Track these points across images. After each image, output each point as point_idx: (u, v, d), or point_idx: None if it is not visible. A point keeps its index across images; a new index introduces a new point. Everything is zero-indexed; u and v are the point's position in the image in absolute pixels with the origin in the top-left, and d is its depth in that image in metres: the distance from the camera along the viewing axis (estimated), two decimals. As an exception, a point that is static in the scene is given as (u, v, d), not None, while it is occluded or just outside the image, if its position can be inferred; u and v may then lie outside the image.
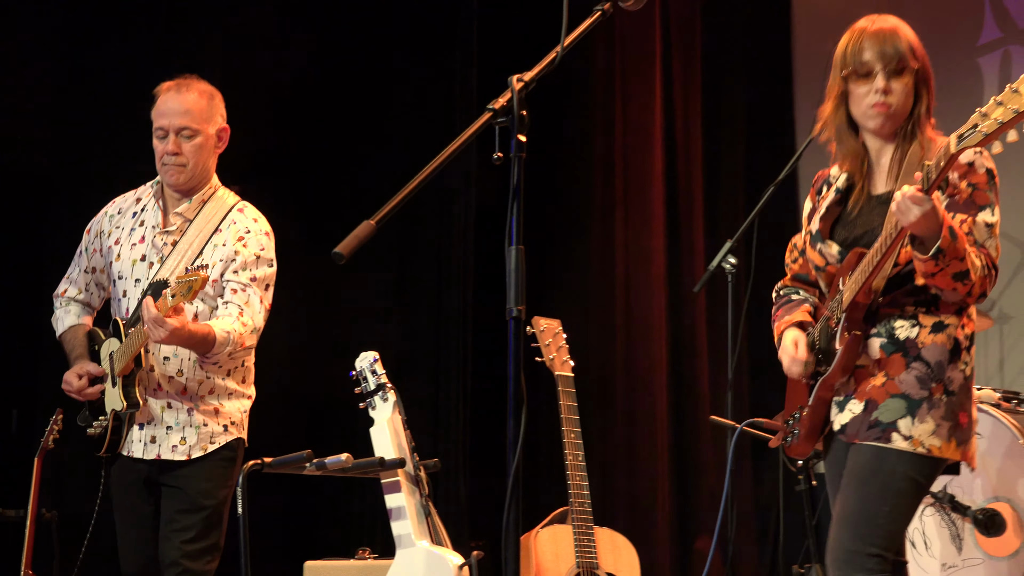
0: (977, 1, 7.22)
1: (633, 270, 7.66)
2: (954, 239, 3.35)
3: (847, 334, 3.59)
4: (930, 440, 3.53)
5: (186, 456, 4.57)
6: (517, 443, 3.07)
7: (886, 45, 3.63)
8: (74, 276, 4.86)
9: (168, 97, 4.63)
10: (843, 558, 3.55)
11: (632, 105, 7.77)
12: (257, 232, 4.66)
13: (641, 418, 7.52)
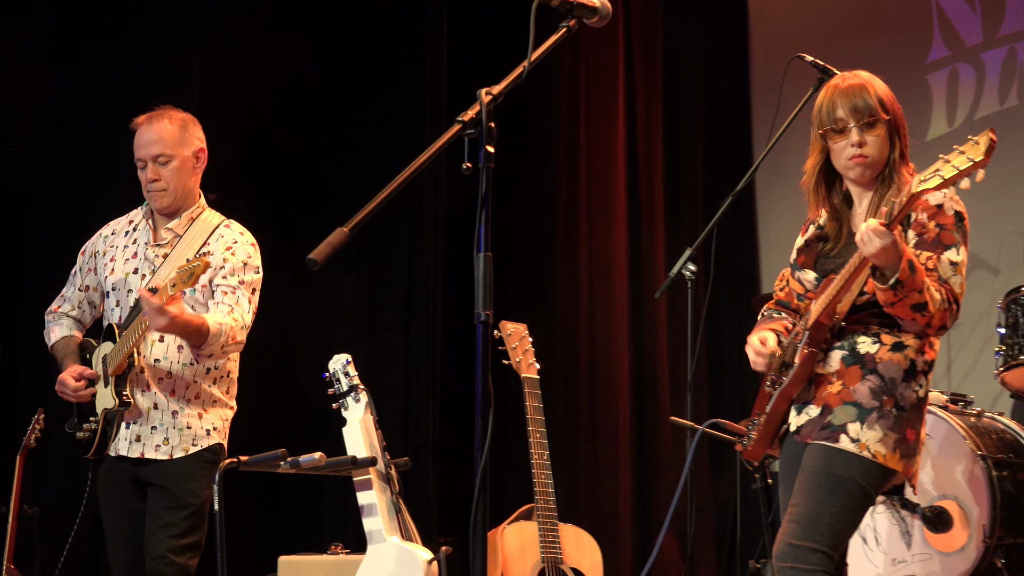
0: (926, 21, 7.25)
1: (597, 277, 7.67)
2: (912, 272, 3.44)
3: (806, 350, 3.66)
4: (876, 446, 3.57)
5: (168, 456, 4.57)
6: (485, 442, 3.07)
7: (857, 100, 3.72)
8: (68, 294, 4.89)
9: (142, 130, 4.71)
10: (788, 552, 3.57)
11: (596, 119, 7.78)
12: (244, 243, 4.72)
13: (604, 419, 7.53)
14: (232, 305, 4.60)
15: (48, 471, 6.47)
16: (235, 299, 4.61)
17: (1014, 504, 4.93)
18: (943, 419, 5.02)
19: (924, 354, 3.68)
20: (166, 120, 4.70)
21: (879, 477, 3.61)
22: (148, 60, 7.01)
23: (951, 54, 7.20)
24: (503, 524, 4.85)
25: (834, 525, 3.57)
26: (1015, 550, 4.95)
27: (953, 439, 4.96)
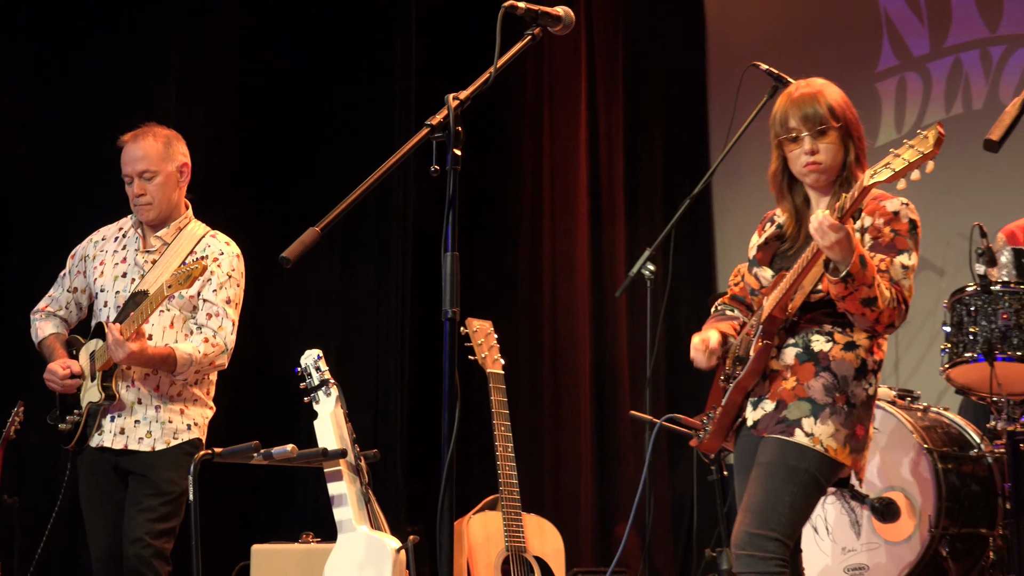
0: (875, 32, 7.28)
1: (559, 276, 7.68)
2: (863, 266, 3.45)
3: (760, 343, 3.66)
4: (828, 440, 3.57)
5: (150, 448, 4.60)
6: (451, 435, 3.07)
7: (807, 109, 3.71)
8: (56, 295, 4.92)
9: (128, 147, 4.77)
10: (746, 540, 3.58)
11: (559, 123, 7.79)
12: (229, 255, 4.76)
13: (566, 413, 7.54)
14: (215, 330, 4.66)
15: (27, 462, 6.43)
16: (219, 323, 4.67)
17: (958, 496, 4.95)
18: (891, 414, 5.03)
19: (874, 354, 3.69)
20: (151, 138, 4.76)
21: (830, 469, 3.62)
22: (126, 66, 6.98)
23: (899, 63, 7.23)
24: (469, 514, 4.85)
25: (789, 514, 3.57)
26: (959, 540, 4.97)
27: (901, 433, 4.98)
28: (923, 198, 6.90)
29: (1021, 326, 5.03)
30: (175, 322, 4.66)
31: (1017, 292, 5.09)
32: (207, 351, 4.60)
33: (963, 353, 5.13)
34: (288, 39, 7.63)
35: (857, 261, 3.43)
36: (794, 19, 7.40)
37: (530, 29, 3.42)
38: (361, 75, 7.65)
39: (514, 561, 4.79)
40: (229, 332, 4.68)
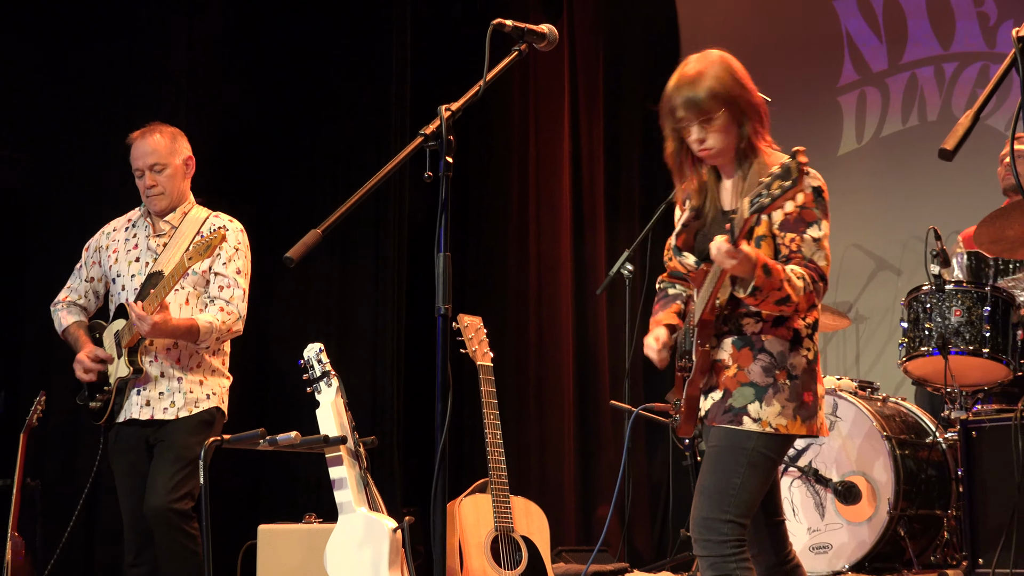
0: (837, 48, 7.28)
1: (544, 275, 7.67)
2: (768, 275, 3.33)
3: (699, 348, 3.57)
4: (777, 420, 3.48)
5: (174, 416, 4.70)
6: (444, 423, 3.06)
7: (689, 94, 3.55)
8: (74, 285, 4.99)
9: (137, 144, 4.85)
10: (700, 524, 3.51)
11: (544, 133, 7.78)
12: (234, 230, 4.86)
13: (551, 402, 7.53)
14: (227, 300, 4.74)
15: (49, 448, 6.42)
16: (230, 293, 4.75)
17: (915, 479, 4.95)
18: (853, 403, 5.03)
19: (805, 319, 3.55)
20: (158, 134, 4.84)
21: (781, 443, 3.53)
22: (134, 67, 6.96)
23: (860, 78, 7.24)
24: (461, 496, 4.84)
25: (740, 495, 3.48)
26: (916, 520, 4.98)
27: (862, 421, 4.98)
28: (881, 203, 6.95)
29: (972, 322, 5.03)
30: (190, 298, 4.75)
31: (969, 291, 5.09)
32: (224, 319, 4.70)
33: (919, 347, 5.13)
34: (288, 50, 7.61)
35: (761, 273, 3.30)
36: (762, 37, 7.40)
37: (517, 45, 3.43)
38: (359, 86, 7.63)
39: (503, 540, 4.78)
40: (240, 300, 4.78)
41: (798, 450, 5.03)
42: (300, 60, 7.63)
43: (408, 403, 7.37)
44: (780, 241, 3.49)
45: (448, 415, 3.05)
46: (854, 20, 7.25)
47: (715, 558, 3.48)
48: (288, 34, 7.61)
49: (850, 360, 6.89)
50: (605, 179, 7.72)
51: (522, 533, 4.83)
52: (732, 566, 3.47)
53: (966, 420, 4.75)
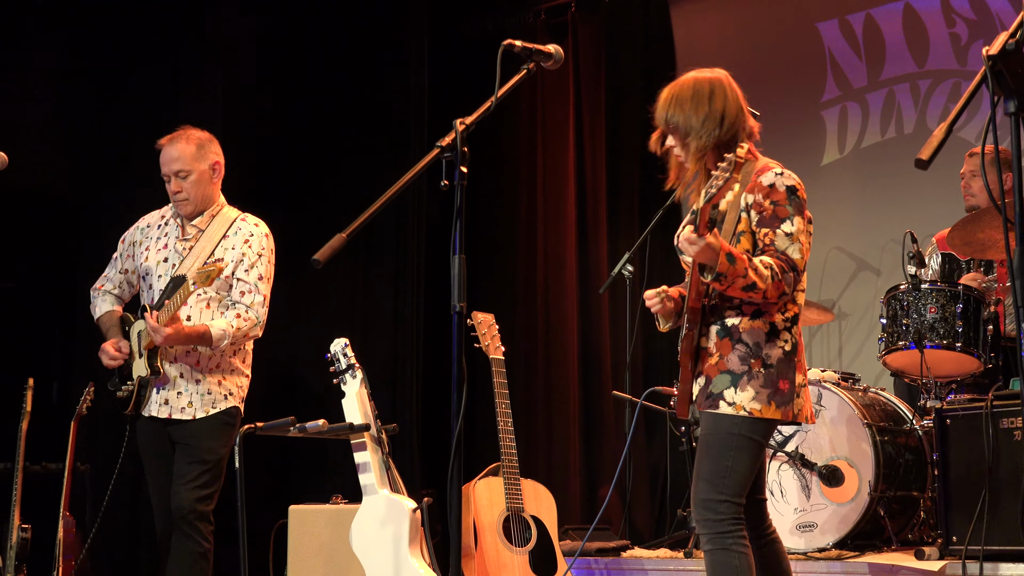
0: (820, 66, 7.26)
1: (551, 275, 7.66)
2: (732, 263, 3.36)
3: (687, 331, 3.60)
4: (751, 404, 3.50)
5: (192, 417, 4.60)
6: (459, 412, 3.05)
7: (659, 114, 3.75)
8: (110, 275, 4.91)
9: (165, 150, 4.73)
10: (700, 506, 3.55)
11: (550, 144, 7.77)
12: (259, 235, 4.74)
13: (557, 392, 7.52)
14: (247, 306, 4.63)
15: (98, 435, 6.43)
16: (251, 299, 4.64)
17: (893, 463, 4.94)
18: (836, 393, 5.02)
19: (783, 312, 3.57)
20: (184, 141, 4.70)
21: (763, 427, 3.54)
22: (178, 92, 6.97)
23: (841, 94, 7.21)
24: (475, 479, 4.83)
25: (732, 476, 3.51)
26: (894, 501, 4.96)
27: (844, 410, 4.97)
28: (863, 208, 6.93)
29: (946, 319, 5.02)
30: (211, 302, 4.64)
31: (943, 289, 5.08)
32: (240, 325, 4.58)
33: (897, 342, 5.12)
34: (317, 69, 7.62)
35: (724, 260, 3.34)
36: (752, 56, 7.38)
37: (525, 64, 3.43)
38: (381, 102, 7.64)
39: (514, 520, 4.78)
40: (260, 305, 4.65)
41: (785, 436, 5.02)
42: (328, 79, 7.64)
43: (426, 393, 7.37)
44: (758, 236, 3.54)
45: (463, 405, 3.05)
46: (836, 41, 7.23)
47: (714, 535, 3.52)
48: (318, 55, 7.62)
49: (833, 353, 6.87)
50: (607, 187, 7.71)
51: (531, 513, 4.83)
52: (729, 541, 3.51)
53: (941, 409, 4.73)
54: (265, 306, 4.68)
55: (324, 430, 4.30)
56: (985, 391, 4.75)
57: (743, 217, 3.55)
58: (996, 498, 4.42)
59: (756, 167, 3.60)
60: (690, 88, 3.73)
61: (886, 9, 7.09)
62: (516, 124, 7.83)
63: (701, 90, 3.71)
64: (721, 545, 3.51)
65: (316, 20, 7.62)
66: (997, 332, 5.09)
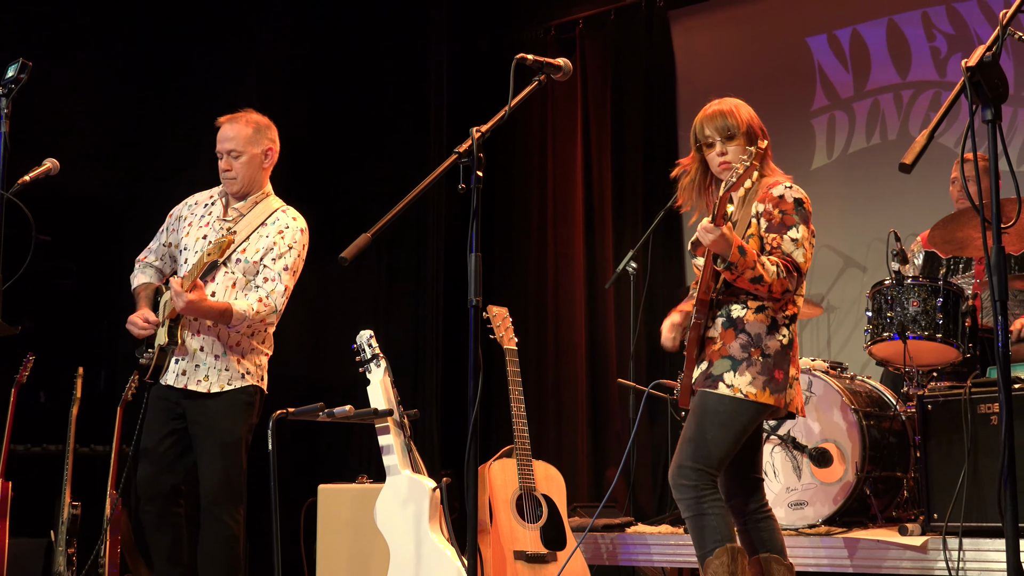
0: (810, 78, 7.24)
1: (561, 271, 7.66)
2: (743, 255, 3.44)
3: (696, 321, 3.65)
4: (747, 388, 3.54)
5: (206, 390, 4.45)
6: (475, 398, 3.05)
7: (719, 122, 3.71)
8: (154, 247, 4.75)
9: (223, 128, 4.58)
10: (675, 472, 3.59)
11: (559, 150, 7.77)
12: (294, 228, 4.58)
13: (566, 380, 7.52)
14: (269, 292, 4.45)
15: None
16: (272, 286, 4.47)
17: (879, 446, 4.93)
18: (825, 381, 5.01)
19: (784, 311, 3.63)
20: (243, 123, 4.56)
21: (753, 411, 3.57)
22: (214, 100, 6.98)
23: (830, 103, 7.19)
24: (490, 460, 4.83)
25: (709, 448, 3.54)
26: (880, 481, 4.95)
27: (832, 396, 4.95)
28: (849, 209, 6.90)
29: (927, 312, 5.00)
30: (237, 283, 4.48)
31: (924, 285, 5.06)
32: (259, 309, 4.41)
33: (882, 333, 5.10)
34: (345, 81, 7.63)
35: (736, 251, 3.42)
36: (746, 68, 7.37)
37: (537, 76, 3.43)
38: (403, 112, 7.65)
39: (526, 498, 4.77)
40: (280, 295, 4.47)
41: (779, 420, 5.01)
42: (355, 89, 7.65)
43: (445, 381, 7.37)
44: (766, 241, 3.60)
45: (479, 392, 3.05)
46: (825, 54, 7.21)
47: (689, 501, 3.56)
48: (345, 68, 7.64)
49: (822, 344, 6.85)
50: (612, 190, 7.70)
51: (543, 492, 4.82)
52: (704, 506, 3.55)
53: (922, 395, 4.72)
54: (286, 296, 4.51)
55: (351, 415, 4.30)
56: (964, 379, 4.74)
57: (753, 223, 3.62)
58: (974, 478, 4.41)
59: (768, 181, 3.68)
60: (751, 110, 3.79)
61: (871, 24, 7.07)
62: (528, 132, 7.82)
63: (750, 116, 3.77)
64: (697, 511, 3.55)
65: (344, 34, 7.63)
66: (975, 324, 5.07)
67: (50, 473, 5.69)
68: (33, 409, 6.17)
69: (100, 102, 6.93)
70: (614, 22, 7.69)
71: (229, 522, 4.44)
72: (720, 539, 3.52)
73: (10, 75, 3.78)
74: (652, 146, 7.84)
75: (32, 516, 5.77)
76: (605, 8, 7.69)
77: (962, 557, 4.32)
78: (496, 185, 7.68)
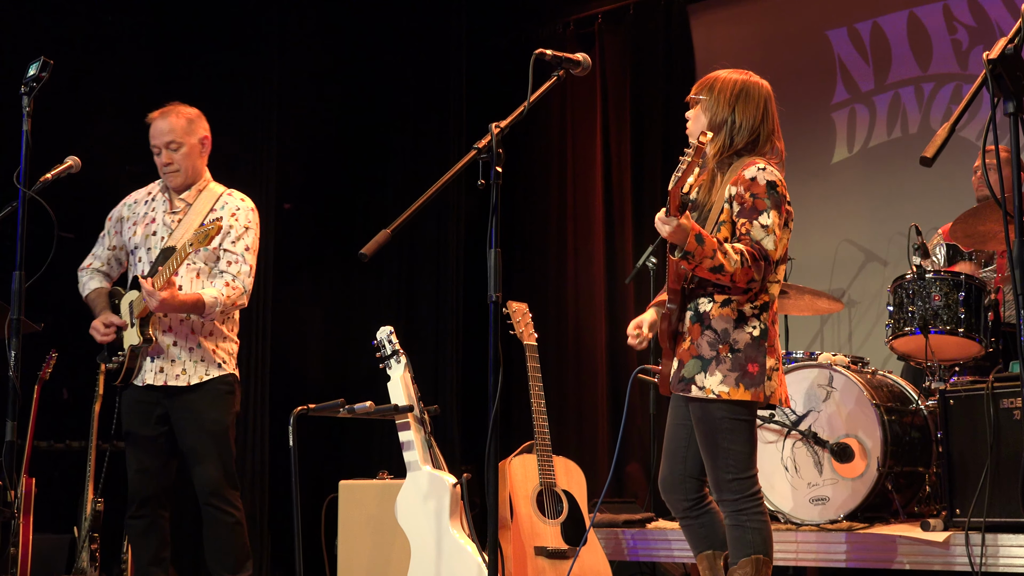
0: (830, 71, 7.20)
1: (580, 266, 7.65)
2: (700, 243, 3.34)
3: (666, 310, 3.59)
4: (719, 387, 3.49)
5: (187, 383, 4.46)
6: (495, 394, 3.05)
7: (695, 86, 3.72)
8: (97, 253, 4.74)
9: (156, 123, 4.58)
10: (715, 489, 3.56)
11: (579, 146, 7.76)
12: (245, 209, 4.58)
13: (586, 375, 7.51)
14: (234, 275, 4.46)
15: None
16: (237, 269, 4.47)
17: (900, 441, 4.91)
18: (846, 376, 4.99)
19: (753, 301, 3.53)
20: (174, 115, 4.56)
21: (740, 407, 3.52)
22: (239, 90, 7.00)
23: (850, 97, 7.16)
24: (510, 456, 4.84)
25: (731, 457, 3.52)
26: (901, 476, 4.93)
27: (854, 391, 4.94)
28: (872, 203, 6.88)
29: (949, 306, 4.98)
30: (200, 273, 4.49)
31: (946, 278, 5.04)
32: (229, 293, 4.42)
33: (903, 328, 5.08)
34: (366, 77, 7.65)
35: (693, 240, 3.32)
36: (766, 63, 7.29)
37: (556, 71, 3.43)
38: (424, 108, 7.66)
39: (546, 493, 4.78)
40: (247, 275, 4.48)
41: (799, 415, 4.99)
42: (376, 86, 7.67)
43: (465, 377, 7.38)
44: (736, 226, 3.51)
45: (499, 387, 3.05)
46: (845, 47, 7.17)
47: (729, 512, 3.55)
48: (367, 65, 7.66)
49: (843, 339, 6.82)
50: (631, 184, 7.68)
51: (563, 487, 4.82)
52: (743, 518, 3.53)
53: (944, 390, 4.70)
54: (251, 276, 4.51)
55: (371, 411, 4.31)
56: (986, 373, 4.71)
57: (725, 208, 3.53)
58: (997, 473, 4.39)
59: (745, 161, 3.57)
60: (744, 91, 3.71)
61: (891, 17, 7.03)
62: (547, 127, 7.82)
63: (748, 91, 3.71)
64: (736, 521, 3.54)
65: (365, 32, 7.65)
66: (997, 318, 5.04)
67: (73, 469, 5.72)
68: (56, 406, 6.20)
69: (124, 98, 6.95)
70: (633, 17, 7.68)
71: (231, 510, 4.46)
72: (750, 550, 3.52)
73: (32, 73, 3.79)
74: (671, 142, 7.82)
75: (55, 512, 5.81)
76: (624, 2, 7.68)
77: (984, 552, 4.30)
78: (516, 181, 7.68)
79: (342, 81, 7.59)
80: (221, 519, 4.44)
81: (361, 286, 7.44)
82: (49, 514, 5.66)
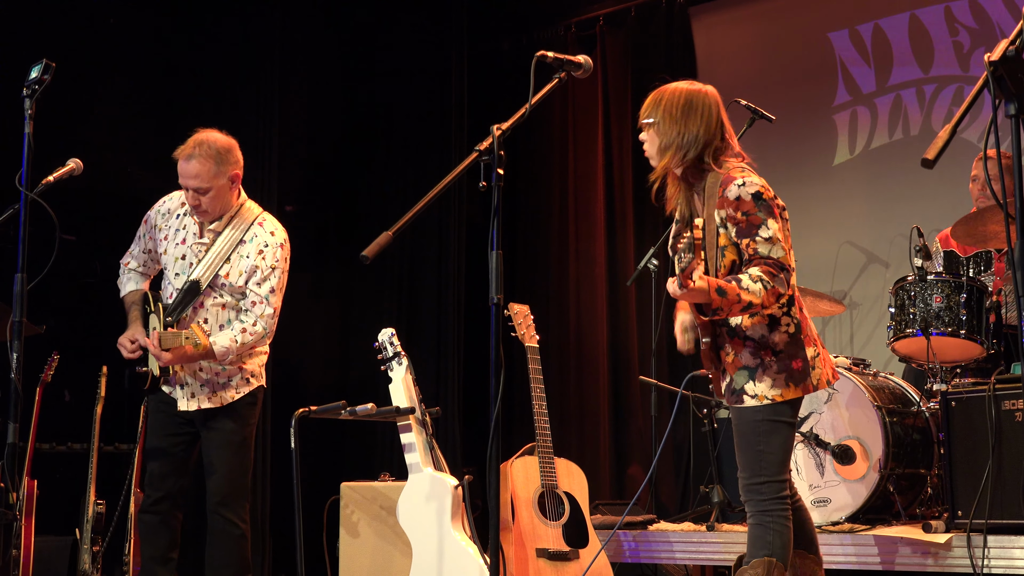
0: (832, 73, 7.20)
1: (582, 269, 7.65)
2: (723, 295, 3.36)
3: (703, 344, 3.62)
4: (772, 392, 3.51)
5: (219, 404, 4.50)
6: (497, 396, 3.05)
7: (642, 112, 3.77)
8: (135, 252, 4.73)
9: (181, 165, 4.44)
10: (744, 490, 3.58)
11: (581, 148, 7.76)
12: (274, 245, 4.52)
13: (588, 378, 7.50)
14: (257, 318, 4.45)
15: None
16: (261, 310, 4.46)
17: (901, 443, 4.91)
18: (848, 377, 4.99)
19: (777, 301, 3.52)
20: (199, 161, 4.40)
21: (786, 408, 3.55)
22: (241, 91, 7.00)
23: (852, 99, 7.16)
24: (512, 458, 4.83)
25: (766, 458, 3.53)
26: (903, 478, 4.92)
27: (856, 393, 4.93)
28: (873, 205, 6.87)
29: (951, 308, 4.97)
30: (227, 305, 4.50)
31: (948, 281, 5.04)
32: (244, 340, 4.42)
33: (905, 329, 5.07)
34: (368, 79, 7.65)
35: (716, 296, 3.34)
36: (768, 65, 7.34)
37: (557, 73, 3.43)
38: (425, 110, 7.66)
39: (548, 495, 4.77)
40: (270, 317, 4.46)
41: (801, 418, 4.99)
42: (378, 88, 7.67)
43: (467, 379, 7.37)
44: (741, 247, 3.51)
45: (500, 389, 3.05)
46: (847, 49, 7.17)
47: (755, 512, 3.56)
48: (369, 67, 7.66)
49: (845, 340, 6.82)
50: (633, 186, 7.68)
51: (564, 489, 4.82)
52: (768, 519, 3.54)
53: (946, 392, 4.69)
54: (275, 318, 4.50)
55: (373, 413, 4.31)
56: (988, 375, 4.71)
57: (721, 233, 3.53)
58: (998, 475, 4.39)
59: (720, 180, 3.56)
60: (698, 101, 3.73)
61: (893, 19, 7.03)
62: (549, 129, 7.82)
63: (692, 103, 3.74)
64: (759, 521, 3.56)
65: (367, 34, 7.65)
66: (999, 320, 5.04)
67: (75, 471, 5.72)
68: (58, 408, 6.20)
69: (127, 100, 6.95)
70: (634, 19, 7.68)
71: (238, 522, 4.48)
72: (767, 552, 3.52)
73: (33, 76, 3.80)
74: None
75: (57, 514, 5.80)
76: (626, 5, 7.68)
77: (986, 554, 4.30)
78: (517, 183, 7.68)
79: (344, 84, 7.59)
80: (227, 530, 4.46)
81: (363, 288, 7.44)
82: (51, 516, 5.66)
